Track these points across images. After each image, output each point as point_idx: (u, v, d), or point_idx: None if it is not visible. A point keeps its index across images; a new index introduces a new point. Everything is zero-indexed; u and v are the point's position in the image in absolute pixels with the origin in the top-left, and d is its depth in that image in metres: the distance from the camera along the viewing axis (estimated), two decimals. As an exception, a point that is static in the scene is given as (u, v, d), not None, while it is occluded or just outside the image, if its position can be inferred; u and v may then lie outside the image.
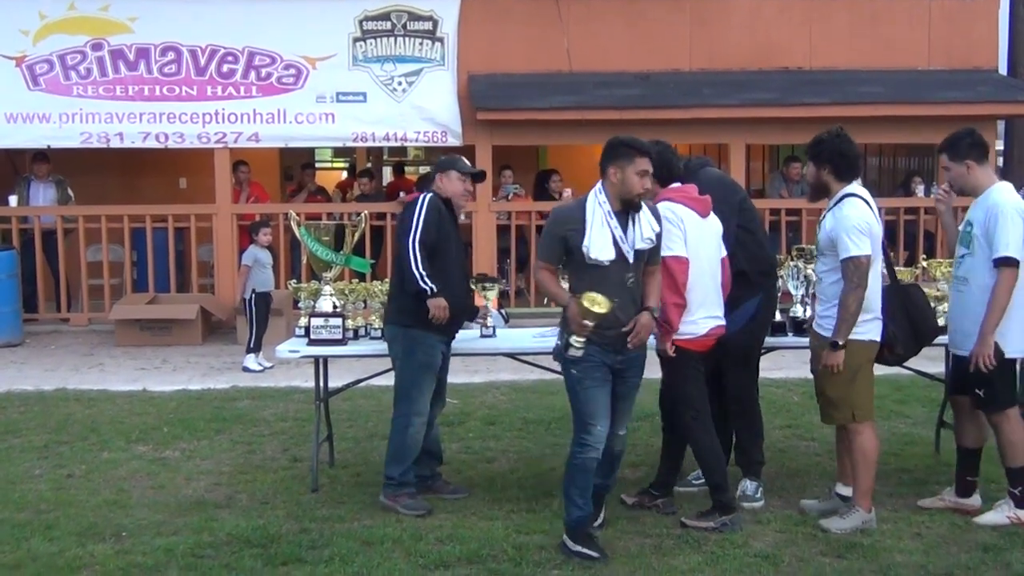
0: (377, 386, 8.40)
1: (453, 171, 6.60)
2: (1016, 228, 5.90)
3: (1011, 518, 6.09)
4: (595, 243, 5.54)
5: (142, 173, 15.31)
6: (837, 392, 6.04)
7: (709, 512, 6.17)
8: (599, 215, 5.57)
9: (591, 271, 5.57)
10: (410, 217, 6.43)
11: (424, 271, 6.32)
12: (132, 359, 11.66)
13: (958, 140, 6.17)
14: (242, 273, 11.19)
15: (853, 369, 5.99)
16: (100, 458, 7.73)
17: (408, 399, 6.51)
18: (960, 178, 6.17)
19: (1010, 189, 6.12)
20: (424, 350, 6.46)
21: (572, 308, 5.50)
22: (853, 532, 5.98)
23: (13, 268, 12.65)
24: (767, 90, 13.40)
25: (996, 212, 5.93)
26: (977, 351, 5.96)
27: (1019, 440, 6.08)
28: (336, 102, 13.31)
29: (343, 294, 7.20)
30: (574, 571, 5.52)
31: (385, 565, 5.55)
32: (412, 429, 6.50)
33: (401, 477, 6.51)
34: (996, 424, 6.13)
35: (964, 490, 6.35)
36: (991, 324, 5.91)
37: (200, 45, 13.21)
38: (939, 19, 13.92)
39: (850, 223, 5.87)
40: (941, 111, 12.85)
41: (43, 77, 13.14)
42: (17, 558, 5.70)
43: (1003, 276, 5.89)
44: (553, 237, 5.71)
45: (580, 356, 5.57)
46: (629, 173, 5.56)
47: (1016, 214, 5.93)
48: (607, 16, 13.63)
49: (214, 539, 5.96)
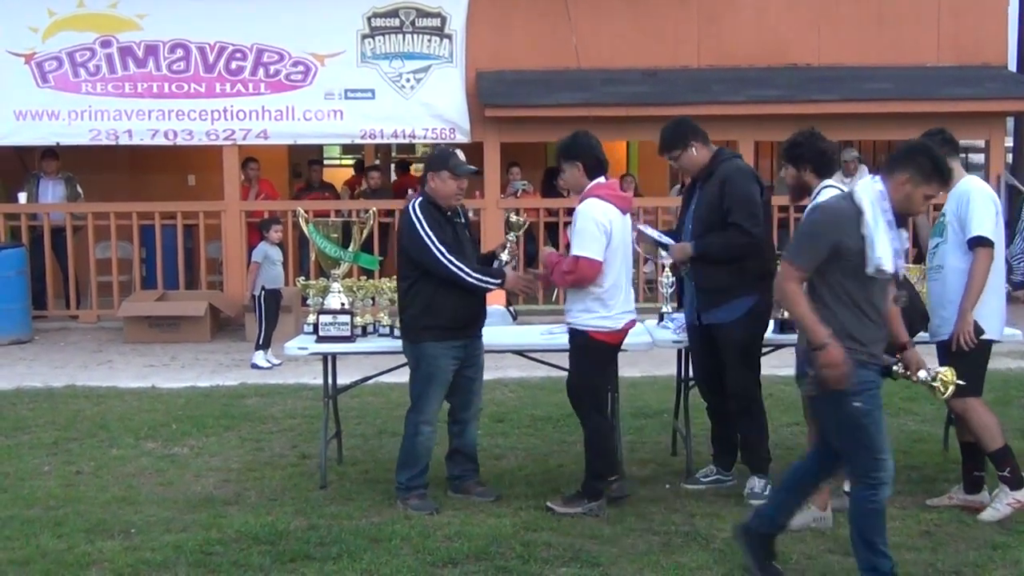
0: (386, 383, 8.41)
1: (445, 171, 6.45)
2: (988, 210, 6.02)
3: (1012, 504, 6.09)
4: (883, 252, 4.93)
5: (151, 170, 15.34)
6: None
7: (576, 497, 6.30)
8: (882, 222, 4.93)
9: (862, 284, 4.99)
10: (415, 232, 6.34)
11: (476, 272, 6.36)
12: (141, 356, 11.69)
13: (929, 137, 6.19)
14: (252, 270, 11.20)
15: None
16: (109, 455, 7.75)
17: (416, 408, 6.53)
18: None
19: (980, 179, 6.29)
20: (428, 362, 6.45)
21: (835, 355, 4.87)
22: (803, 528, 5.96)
23: (22, 265, 12.69)
24: (775, 87, 13.38)
25: (968, 197, 6.05)
26: (958, 329, 6.01)
27: (989, 422, 6.11)
28: (344, 99, 13.33)
29: (351, 291, 7.20)
30: (582, 568, 5.51)
31: (393, 562, 5.55)
32: (420, 437, 6.50)
33: (409, 482, 6.52)
34: (961, 413, 6.17)
35: (972, 486, 6.34)
36: (969, 302, 5.98)
37: (209, 42, 13.22)
38: (948, 15, 13.89)
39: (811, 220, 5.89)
40: (950, 107, 12.82)
41: (52, 74, 13.18)
42: (26, 554, 5.71)
43: (979, 256, 5.97)
44: (823, 239, 4.99)
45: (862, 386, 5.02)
46: (919, 193, 4.99)
47: (987, 198, 6.08)
48: (615, 13, 13.63)
49: (223, 536, 5.97)
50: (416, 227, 6.35)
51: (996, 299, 6.17)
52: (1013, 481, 6.09)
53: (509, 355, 7.87)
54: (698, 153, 6.64)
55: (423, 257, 6.34)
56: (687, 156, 6.65)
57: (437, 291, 6.35)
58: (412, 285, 6.43)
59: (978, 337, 6.02)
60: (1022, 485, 6.10)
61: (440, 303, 6.37)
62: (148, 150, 13.74)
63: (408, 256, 6.44)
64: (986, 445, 6.14)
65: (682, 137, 6.64)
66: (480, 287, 6.39)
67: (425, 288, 6.38)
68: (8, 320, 12.47)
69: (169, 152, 13.94)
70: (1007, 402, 8.79)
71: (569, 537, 5.93)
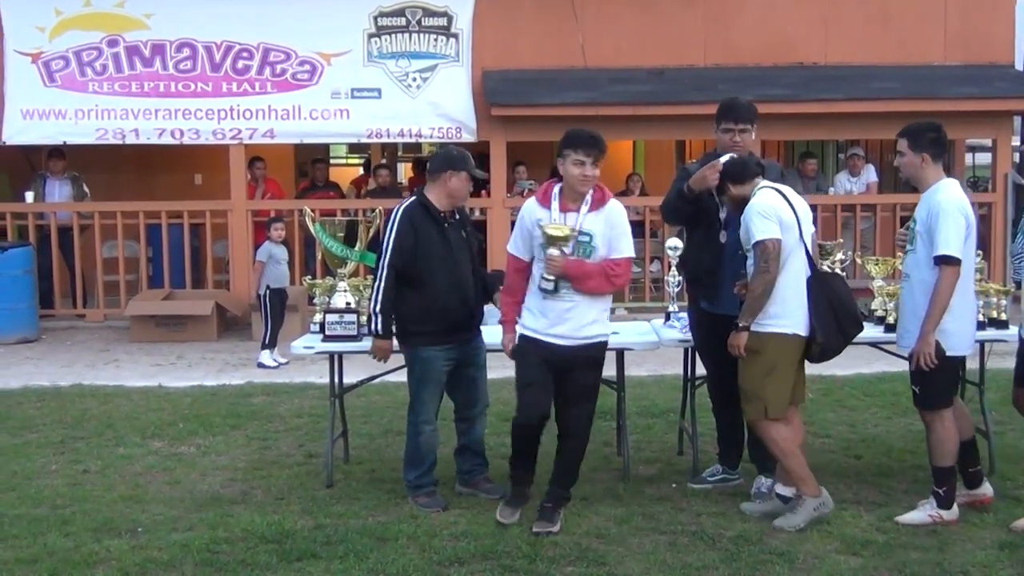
0: (392, 382, 8.40)
1: (464, 172, 6.50)
2: (957, 226, 5.86)
3: (933, 517, 6.04)
4: None
5: (157, 169, 15.36)
6: (752, 384, 6.06)
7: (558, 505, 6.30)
8: None
9: None
10: (387, 232, 6.39)
11: (381, 307, 6.34)
12: (147, 355, 11.70)
13: (923, 131, 6.19)
14: (256, 269, 11.22)
15: (770, 363, 6.00)
16: (116, 454, 7.76)
17: (414, 409, 6.58)
18: (911, 167, 6.15)
19: (955, 186, 6.08)
20: (420, 363, 6.48)
21: None
22: (809, 522, 5.98)
23: (29, 264, 12.71)
24: (781, 86, 13.35)
25: (938, 210, 5.89)
26: (918, 349, 5.90)
27: (949, 441, 6.04)
28: (351, 98, 13.33)
29: (358, 290, 7.20)
30: (588, 568, 5.51)
31: (400, 561, 5.56)
32: (422, 436, 6.53)
33: (416, 480, 6.55)
34: (928, 423, 6.09)
35: (971, 481, 6.30)
36: (932, 322, 5.84)
37: (215, 41, 13.24)
38: (955, 14, 13.85)
39: (755, 209, 5.97)
40: (957, 107, 12.79)
41: (59, 73, 13.19)
42: (33, 553, 5.72)
43: (944, 274, 5.83)
44: None
45: None
46: None
47: (958, 212, 5.89)
48: (621, 12, 13.61)
49: (229, 535, 5.97)
50: (391, 230, 6.37)
51: (963, 315, 6.01)
52: (945, 501, 6.06)
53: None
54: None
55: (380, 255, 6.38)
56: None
57: (426, 294, 6.37)
58: (403, 289, 6.40)
59: (940, 357, 5.89)
60: (951, 506, 6.07)
61: (428, 307, 6.38)
62: (155, 149, 13.75)
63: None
64: (937, 459, 6.07)
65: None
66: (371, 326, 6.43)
67: (415, 291, 6.38)
68: (15, 319, 12.49)
69: (176, 151, 13.96)
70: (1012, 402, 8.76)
71: (575, 536, 5.93)
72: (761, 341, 5.98)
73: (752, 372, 6.04)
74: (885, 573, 5.45)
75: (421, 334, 6.42)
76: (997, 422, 7.74)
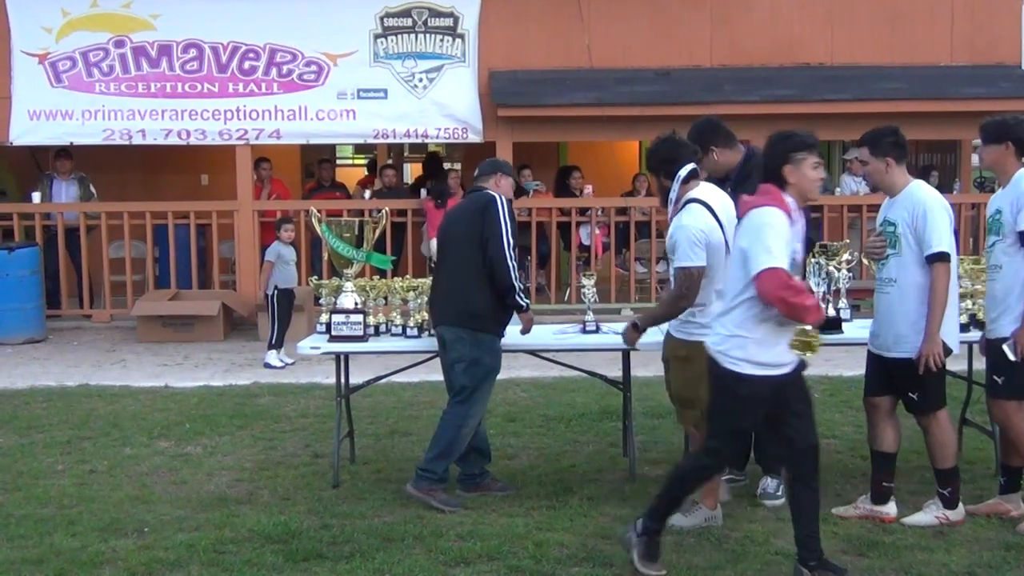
0: (398, 383, 8.43)
1: (510, 178, 6.77)
2: (945, 223, 5.88)
3: (940, 518, 6.05)
4: None
5: (164, 170, 15.37)
6: (688, 392, 6.07)
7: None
8: None
9: None
10: (497, 220, 6.43)
11: (520, 284, 6.50)
12: (154, 355, 11.71)
13: (881, 136, 6.13)
14: (265, 269, 11.22)
15: (702, 370, 5.80)
16: (122, 454, 7.77)
17: (470, 401, 6.50)
18: (877, 174, 6.14)
19: (929, 186, 6.11)
20: (492, 355, 6.52)
21: None
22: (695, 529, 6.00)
23: (36, 264, 12.73)
24: (788, 86, 13.34)
25: (924, 208, 5.88)
26: (926, 351, 5.85)
27: (949, 441, 6.06)
28: (357, 99, 13.34)
29: (364, 291, 7.20)
30: (595, 568, 5.51)
31: (406, 561, 5.56)
32: (466, 429, 6.51)
33: (444, 473, 6.53)
34: (926, 427, 6.09)
35: (879, 496, 6.24)
36: (936, 322, 5.83)
37: (222, 42, 13.24)
38: (961, 14, 13.83)
39: (688, 233, 5.82)
40: (963, 107, 12.77)
41: (66, 74, 13.21)
42: (40, 553, 5.73)
43: (939, 272, 5.83)
44: None
45: None
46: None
47: (942, 208, 5.91)
48: (627, 12, 13.61)
49: (236, 535, 5.98)
50: (502, 219, 6.45)
51: (953, 312, 6.03)
52: (950, 501, 6.07)
53: (522, 355, 7.86)
54: (721, 157, 6.58)
55: (497, 247, 6.41)
56: (707, 161, 6.47)
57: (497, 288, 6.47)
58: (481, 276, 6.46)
59: (946, 356, 5.91)
60: (956, 507, 6.07)
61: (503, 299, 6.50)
62: (161, 150, 13.76)
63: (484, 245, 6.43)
64: (939, 461, 6.08)
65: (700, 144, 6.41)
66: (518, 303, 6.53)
67: (491, 283, 6.46)
68: (22, 319, 12.51)
69: (182, 152, 13.98)
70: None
71: (581, 537, 5.93)
72: (691, 349, 5.93)
73: (687, 380, 6.04)
74: (892, 574, 5.44)
75: (500, 323, 6.53)
76: (1004, 423, 7.72)
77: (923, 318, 5.88)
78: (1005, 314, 6.02)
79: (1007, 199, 6.03)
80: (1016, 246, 5.97)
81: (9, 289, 12.40)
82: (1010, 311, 5.99)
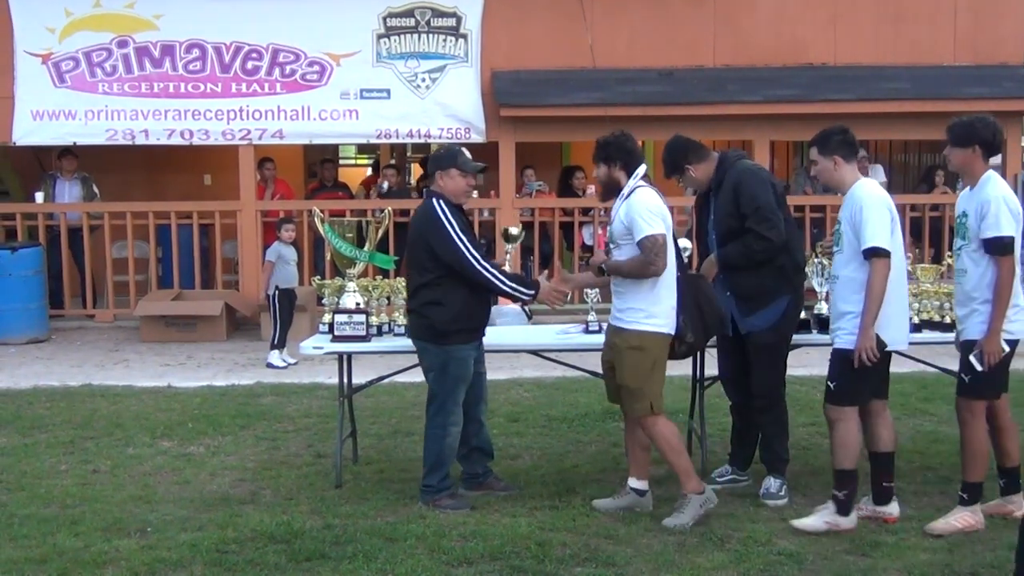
0: (401, 383, 8.43)
1: (453, 169, 6.48)
2: (882, 218, 5.89)
3: (829, 524, 5.97)
4: None
5: (167, 170, 15.39)
6: (637, 383, 6.14)
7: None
8: None
9: None
10: (444, 232, 6.31)
11: (509, 280, 6.39)
12: (157, 355, 11.72)
13: (828, 135, 6.18)
14: (266, 269, 11.23)
15: (652, 359, 6.14)
16: (125, 453, 7.78)
17: (444, 411, 6.49)
18: (826, 172, 6.18)
19: (874, 184, 6.13)
20: (458, 364, 6.45)
21: None
22: (695, 519, 6.04)
23: (39, 264, 12.74)
24: (791, 86, 13.34)
25: (860, 205, 5.92)
26: (859, 345, 5.87)
27: (852, 444, 6.00)
28: (360, 99, 13.34)
29: (367, 291, 7.19)
30: (597, 568, 5.51)
31: (408, 562, 5.56)
32: (449, 439, 6.50)
33: (441, 483, 6.52)
34: (833, 421, 6.06)
35: (881, 497, 6.22)
36: (870, 317, 5.84)
37: (225, 42, 13.25)
38: (965, 14, 13.82)
39: (644, 207, 6.06)
40: (966, 107, 12.57)
41: (69, 74, 13.22)
42: (43, 552, 5.73)
43: (875, 267, 5.84)
44: None
45: None
46: None
47: (880, 204, 5.93)
48: (630, 12, 13.61)
49: (238, 535, 5.98)
50: (445, 226, 6.33)
51: (897, 308, 6.01)
52: (843, 505, 5.99)
53: (524, 355, 7.87)
54: (697, 172, 6.72)
55: (454, 259, 6.31)
56: (687, 179, 6.79)
57: (470, 294, 6.37)
58: (439, 285, 6.36)
59: (881, 350, 5.90)
60: (849, 513, 6.01)
61: (471, 306, 6.40)
62: (164, 150, 13.77)
63: (433, 254, 6.36)
64: (838, 460, 6.03)
65: (674, 166, 6.76)
66: (512, 295, 6.43)
67: (456, 289, 6.35)
68: (25, 319, 12.52)
69: (185, 152, 13.98)
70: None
71: (584, 537, 5.93)
72: (643, 338, 6.12)
73: (637, 369, 6.14)
74: (895, 574, 5.44)
75: (459, 332, 6.41)
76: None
77: (856, 312, 5.90)
78: (971, 317, 6.00)
79: (973, 203, 6.00)
80: (980, 252, 5.94)
81: (12, 289, 12.41)
82: (976, 316, 5.96)
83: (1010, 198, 5.93)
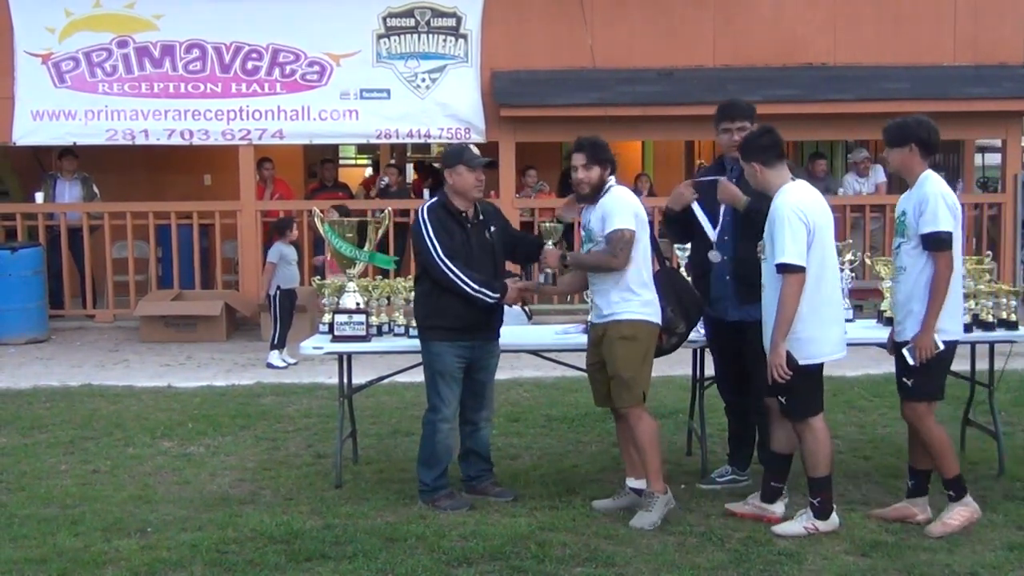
0: (401, 383, 8.43)
1: (460, 165, 6.50)
2: (794, 231, 5.76)
3: (808, 528, 5.95)
4: None
5: (167, 170, 15.39)
6: (631, 372, 6.16)
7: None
8: None
9: None
10: (420, 236, 6.44)
11: (475, 283, 6.37)
12: (157, 355, 11.72)
13: (750, 140, 6.20)
14: (268, 270, 11.22)
15: (643, 350, 6.21)
16: (125, 454, 7.78)
17: (432, 407, 6.55)
18: (752, 178, 6.15)
19: (798, 190, 5.97)
20: (435, 359, 6.49)
21: None
22: (663, 518, 6.06)
23: (39, 264, 12.74)
24: (791, 86, 13.33)
25: (774, 216, 5.84)
26: (769, 361, 5.84)
27: (821, 451, 5.95)
28: (360, 99, 13.35)
29: (367, 291, 7.20)
30: (597, 568, 5.51)
31: (408, 562, 5.56)
32: (439, 435, 6.51)
33: (434, 482, 6.52)
34: (799, 433, 6.02)
35: (769, 495, 6.23)
36: (780, 333, 5.78)
37: (225, 42, 13.25)
38: (965, 14, 13.81)
39: (621, 202, 6.18)
40: (966, 107, 12.77)
41: (69, 74, 13.22)
42: (43, 553, 5.73)
43: (786, 283, 5.75)
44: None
45: None
46: None
47: (794, 216, 5.78)
48: (631, 12, 13.61)
49: (238, 535, 5.98)
50: (421, 231, 6.45)
51: (819, 323, 5.87)
52: (820, 511, 5.97)
53: (524, 355, 7.87)
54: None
55: (425, 261, 6.46)
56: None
57: (443, 293, 6.42)
58: (420, 283, 6.58)
59: (792, 367, 5.81)
60: (828, 517, 5.98)
61: (445, 304, 6.43)
62: (164, 150, 13.77)
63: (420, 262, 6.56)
64: (810, 469, 6.00)
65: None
66: (477, 298, 6.41)
67: (433, 287, 6.46)
68: (25, 319, 12.52)
69: (185, 152, 13.98)
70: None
71: (584, 537, 5.93)
72: (636, 328, 6.19)
73: (630, 359, 6.17)
74: (895, 574, 5.44)
75: (432, 328, 6.48)
76: (1006, 423, 7.74)
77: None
78: (909, 317, 5.97)
79: (911, 201, 5.98)
80: (919, 249, 5.91)
81: (12, 289, 12.41)
82: (913, 315, 5.93)
83: (948, 195, 5.92)
